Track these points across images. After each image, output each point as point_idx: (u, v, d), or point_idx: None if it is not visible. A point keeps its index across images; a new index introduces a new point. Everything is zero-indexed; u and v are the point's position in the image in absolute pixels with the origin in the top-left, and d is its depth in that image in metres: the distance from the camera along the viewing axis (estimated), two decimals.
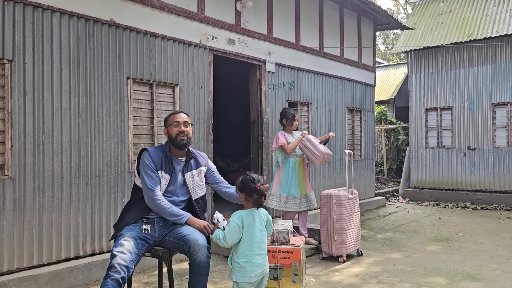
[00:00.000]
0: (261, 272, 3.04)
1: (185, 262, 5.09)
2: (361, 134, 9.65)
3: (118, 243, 2.92)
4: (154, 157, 3.16)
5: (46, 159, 4.29)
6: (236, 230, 2.98)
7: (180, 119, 3.25)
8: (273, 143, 5.65)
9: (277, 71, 7.21)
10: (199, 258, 2.98)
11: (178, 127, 3.22)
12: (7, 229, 4.02)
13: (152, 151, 3.19)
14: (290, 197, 5.52)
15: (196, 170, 3.34)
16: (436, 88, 10.79)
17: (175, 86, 5.57)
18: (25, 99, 4.15)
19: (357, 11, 9.30)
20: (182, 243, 3.04)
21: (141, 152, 3.21)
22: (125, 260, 2.79)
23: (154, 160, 3.15)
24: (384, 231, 7.25)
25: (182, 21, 5.65)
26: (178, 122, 3.23)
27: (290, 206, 5.53)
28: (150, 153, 3.16)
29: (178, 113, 3.33)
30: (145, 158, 3.15)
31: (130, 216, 3.13)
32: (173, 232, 3.13)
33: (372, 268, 5.02)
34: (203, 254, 2.99)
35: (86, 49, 4.64)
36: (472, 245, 6.16)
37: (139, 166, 3.18)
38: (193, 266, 3.01)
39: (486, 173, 10.04)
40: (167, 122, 3.30)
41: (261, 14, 6.96)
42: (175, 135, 3.20)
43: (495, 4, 10.73)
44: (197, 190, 3.32)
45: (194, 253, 2.98)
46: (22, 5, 4.13)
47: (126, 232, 3.01)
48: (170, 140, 3.24)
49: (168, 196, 3.19)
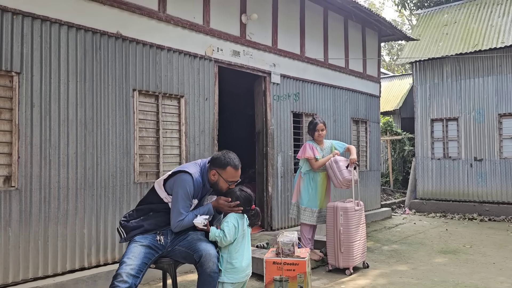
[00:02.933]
0: (249, 272, 3.23)
1: (190, 274, 5.07)
2: (366, 145, 9.63)
3: (129, 250, 2.91)
4: (196, 185, 3.10)
5: (53, 170, 4.32)
6: (234, 231, 3.11)
7: (237, 178, 3.17)
8: (300, 152, 5.59)
9: (282, 82, 7.23)
10: (210, 268, 2.98)
11: (230, 185, 3.19)
12: (13, 240, 4.03)
13: (196, 179, 3.10)
14: (308, 209, 5.48)
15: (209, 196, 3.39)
16: (441, 98, 10.77)
17: (180, 97, 5.60)
18: (33, 111, 4.19)
19: (361, 22, 9.35)
20: (192, 252, 3.04)
21: (181, 172, 3.09)
22: (133, 269, 2.78)
23: (195, 189, 3.10)
24: (391, 243, 7.19)
25: (188, 34, 5.71)
26: (234, 182, 3.19)
27: (306, 218, 5.50)
28: (194, 181, 3.07)
29: (238, 169, 3.16)
30: (188, 184, 3.04)
31: (150, 225, 3.11)
32: (183, 242, 3.13)
33: (379, 281, 4.97)
34: (213, 264, 2.99)
35: (93, 61, 4.70)
36: (480, 257, 6.09)
37: (176, 187, 3.07)
38: (203, 276, 3.00)
39: (493, 184, 9.96)
40: (224, 173, 3.11)
41: (266, 26, 7.02)
42: (224, 190, 3.19)
43: (499, 15, 10.74)
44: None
45: (205, 263, 2.97)
46: (31, 18, 4.19)
47: (139, 239, 3.01)
48: (214, 187, 3.21)
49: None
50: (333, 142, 5.82)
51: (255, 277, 5.09)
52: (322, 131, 5.57)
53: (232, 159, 3.14)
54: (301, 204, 5.53)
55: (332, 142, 5.81)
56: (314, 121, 5.60)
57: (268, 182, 6.92)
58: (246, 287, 3.53)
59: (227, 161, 3.12)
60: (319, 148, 5.55)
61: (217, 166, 3.13)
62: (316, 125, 5.55)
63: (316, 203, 5.50)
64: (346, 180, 5.32)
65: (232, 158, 3.15)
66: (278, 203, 7.05)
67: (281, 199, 7.09)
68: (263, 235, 6.51)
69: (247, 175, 10.20)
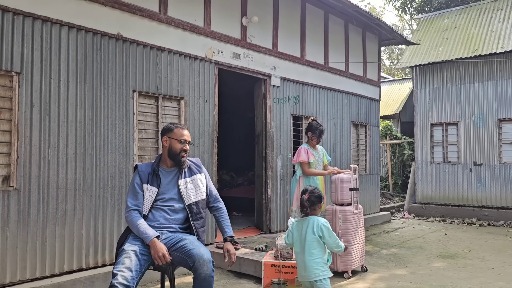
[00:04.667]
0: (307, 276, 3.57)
1: (188, 276, 5.06)
2: (366, 149, 9.63)
3: (119, 261, 2.87)
4: (142, 171, 3.21)
5: (51, 171, 4.31)
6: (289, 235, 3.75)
7: (187, 137, 3.27)
8: (295, 157, 5.54)
9: (282, 85, 7.24)
10: (204, 272, 2.94)
11: (183, 144, 3.23)
12: (11, 240, 4.02)
13: (141, 166, 3.25)
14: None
15: (190, 178, 3.28)
16: (441, 103, 10.78)
17: (180, 99, 5.60)
18: (32, 111, 4.19)
19: (362, 26, 9.37)
20: (186, 257, 3.00)
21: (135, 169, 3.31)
22: (126, 280, 2.74)
23: (141, 174, 3.20)
24: (389, 246, 7.17)
25: (189, 36, 5.72)
26: (185, 141, 3.25)
27: None
28: (139, 168, 3.24)
29: (185, 129, 3.31)
30: (134, 175, 3.24)
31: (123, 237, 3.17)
32: (177, 246, 3.10)
33: (377, 285, 4.96)
34: (208, 268, 2.96)
35: (93, 62, 4.70)
36: (479, 262, 6.07)
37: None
38: (198, 280, 2.98)
39: (493, 189, 9.95)
40: (173, 135, 3.24)
41: (267, 28, 7.03)
42: (179, 151, 3.21)
43: (499, 20, 10.77)
44: (190, 195, 3.24)
45: (199, 268, 2.94)
46: (32, 18, 4.20)
47: (128, 247, 2.96)
48: (170, 152, 3.23)
49: (169, 205, 3.18)
50: (324, 150, 5.81)
51: (253, 280, 5.08)
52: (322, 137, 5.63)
53: (177, 123, 3.38)
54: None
55: (323, 149, 5.80)
56: (319, 127, 5.55)
57: (268, 184, 6.91)
58: None
59: (172, 125, 3.32)
60: (314, 152, 5.54)
61: (165, 132, 3.29)
62: (322, 132, 5.54)
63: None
64: (345, 201, 5.33)
65: (178, 123, 3.42)
66: (277, 206, 7.04)
67: (280, 202, 7.08)
68: (261, 237, 6.50)
69: (246, 177, 10.22)
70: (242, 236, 6.55)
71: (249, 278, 5.15)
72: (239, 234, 6.71)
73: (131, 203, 3.16)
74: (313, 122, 5.64)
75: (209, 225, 5.88)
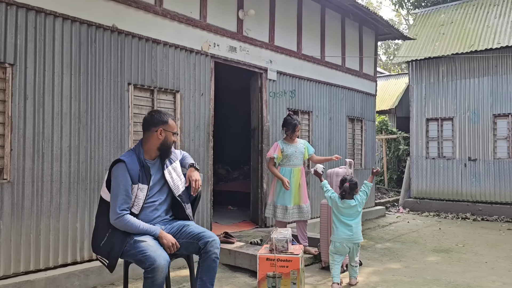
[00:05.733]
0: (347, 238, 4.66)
1: (183, 270, 5.06)
2: (361, 144, 9.64)
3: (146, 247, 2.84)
4: (131, 169, 2.95)
5: (46, 164, 4.28)
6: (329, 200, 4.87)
7: (177, 129, 3.24)
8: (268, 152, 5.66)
9: (278, 79, 7.22)
10: (215, 253, 3.03)
11: (175, 137, 3.20)
12: (5, 233, 3.99)
13: (129, 163, 2.96)
14: (280, 207, 5.48)
15: (171, 166, 3.24)
16: (437, 98, 10.80)
17: (176, 92, 5.57)
18: (26, 103, 4.15)
19: (358, 21, 9.35)
20: (196, 241, 3.04)
21: (114, 163, 2.98)
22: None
23: (132, 173, 2.95)
24: (384, 241, 7.21)
25: (184, 28, 5.67)
26: (177, 133, 3.23)
27: (279, 215, 5.49)
28: (127, 165, 2.94)
29: (174, 120, 3.25)
30: (120, 173, 2.92)
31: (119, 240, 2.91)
32: (182, 232, 3.12)
33: (371, 278, 4.98)
34: (218, 249, 3.05)
35: (87, 54, 4.65)
36: (472, 257, 6.12)
37: (112, 181, 2.95)
38: (207, 261, 3.02)
39: (487, 184, 10.01)
40: (168, 127, 3.13)
41: (263, 22, 7.00)
42: (172, 144, 3.18)
43: (496, 15, 10.78)
44: (179, 185, 3.21)
45: (211, 248, 3.01)
46: (25, 9, 4.15)
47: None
48: (164, 145, 3.12)
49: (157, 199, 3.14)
50: (306, 143, 5.81)
51: (248, 273, 5.09)
52: (298, 132, 5.64)
53: (165, 113, 3.20)
54: (277, 203, 5.51)
55: (305, 142, 5.81)
56: (292, 121, 5.57)
57: (263, 179, 6.91)
58: (239, 283, 3.58)
59: (165, 116, 3.16)
60: (288, 146, 5.55)
61: (159, 124, 3.10)
62: (296, 126, 5.56)
63: (290, 200, 5.49)
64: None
65: (164, 112, 3.22)
66: None
67: None
68: (257, 231, 6.51)
69: (242, 171, 10.21)
70: (238, 229, 6.56)
71: (244, 272, 5.16)
72: (234, 227, 6.71)
73: (123, 207, 2.91)
74: (287, 117, 5.70)
75: (204, 218, 5.88)
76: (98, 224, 3.05)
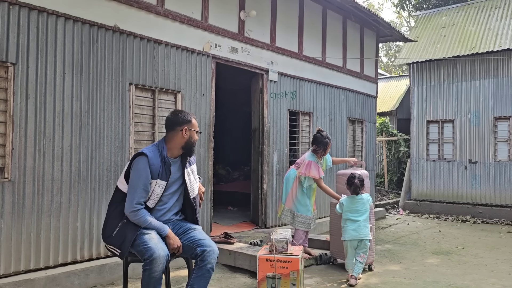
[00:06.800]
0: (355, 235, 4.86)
1: (182, 270, 5.07)
2: (362, 145, 9.65)
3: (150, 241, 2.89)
4: (153, 165, 2.98)
5: (47, 163, 4.29)
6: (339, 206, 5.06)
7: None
8: (303, 169, 5.35)
9: (279, 80, 7.23)
10: (211, 264, 3.04)
11: (198, 135, 3.23)
12: (5, 232, 4.00)
13: (152, 158, 2.99)
14: (304, 216, 5.46)
15: (190, 168, 3.26)
16: (438, 100, 10.81)
17: (177, 93, 5.58)
18: (27, 102, 4.16)
19: (360, 22, 9.36)
20: (195, 246, 3.06)
21: (136, 156, 3.01)
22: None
23: (153, 168, 2.98)
24: (384, 242, 7.21)
25: (186, 29, 5.68)
26: (200, 132, 3.30)
27: (303, 225, 5.47)
28: (149, 160, 2.97)
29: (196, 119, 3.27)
30: (142, 167, 2.96)
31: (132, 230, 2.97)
32: (186, 235, 3.15)
33: (371, 280, 4.98)
34: (214, 260, 3.06)
35: (89, 54, 4.67)
36: (472, 259, 6.12)
37: (131, 173, 2.99)
38: (202, 270, 3.03)
39: (487, 186, 10.01)
40: (192, 126, 3.16)
41: (265, 23, 7.01)
42: (195, 142, 3.21)
43: (497, 18, 10.78)
44: (194, 188, 3.25)
45: (208, 258, 3.02)
46: (28, 9, 4.16)
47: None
48: (188, 144, 3.14)
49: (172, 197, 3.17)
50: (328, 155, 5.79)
51: (248, 274, 5.09)
52: (329, 149, 5.57)
53: (188, 112, 3.25)
54: (297, 211, 5.48)
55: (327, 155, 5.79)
56: (324, 139, 5.43)
57: (263, 179, 6.92)
58: (239, 283, 3.58)
59: (188, 115, 3.19)
60: (319, 163, 5.51)
61: (184, 123, 3.14)
62: (327, 144, 5.45)
63: (310, 210, 5.53)
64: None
65: (187, 112, 3.27)
66: (273, 201, 7.05)
67: (276, 197, 7.08)
68: (256, 232, 6.51)
69: (242, 172, 10.21)
70: (237, 230, 6.56)
71: (243, 272, 5.16)
72: (234, 228, 6.72)
73: (139, 201, 2.95)
74: (317, 135, 5.50)
75: (204, 218, 5.89)
76: (110, 214, 3.08)
